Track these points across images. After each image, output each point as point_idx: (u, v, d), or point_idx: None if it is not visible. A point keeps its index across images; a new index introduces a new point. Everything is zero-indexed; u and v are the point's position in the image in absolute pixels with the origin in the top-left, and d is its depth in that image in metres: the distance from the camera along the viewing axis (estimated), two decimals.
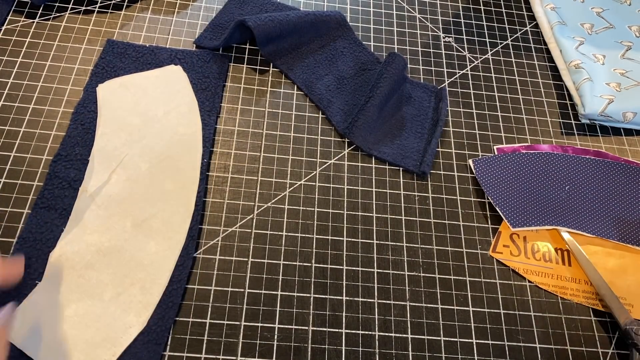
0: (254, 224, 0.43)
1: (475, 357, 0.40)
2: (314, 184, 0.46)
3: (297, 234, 0.43)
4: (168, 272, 0.39)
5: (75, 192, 0.41)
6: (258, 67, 0.52)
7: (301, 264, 0.42)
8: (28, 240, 0.39)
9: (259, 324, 0.39)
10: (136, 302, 0.38)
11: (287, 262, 0.42)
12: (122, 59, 0.49)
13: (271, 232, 0.43)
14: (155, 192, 0.43)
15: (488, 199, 0.47)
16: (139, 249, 0.40)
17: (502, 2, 0.63)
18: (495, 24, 0.61)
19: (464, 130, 0.51)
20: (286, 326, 0.39)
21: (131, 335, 0.36)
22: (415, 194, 0.47)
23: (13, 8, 0.51)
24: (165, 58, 0.50)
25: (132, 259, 0.39)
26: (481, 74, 0.56)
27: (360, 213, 0.45)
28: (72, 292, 0.37)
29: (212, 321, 0.39)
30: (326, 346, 0.39)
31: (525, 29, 0.61)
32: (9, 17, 0.51)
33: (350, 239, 0.44)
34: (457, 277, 0.43)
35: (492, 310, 0.42)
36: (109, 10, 0.53)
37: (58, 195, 0.41)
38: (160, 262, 0.40)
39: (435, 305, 0.41)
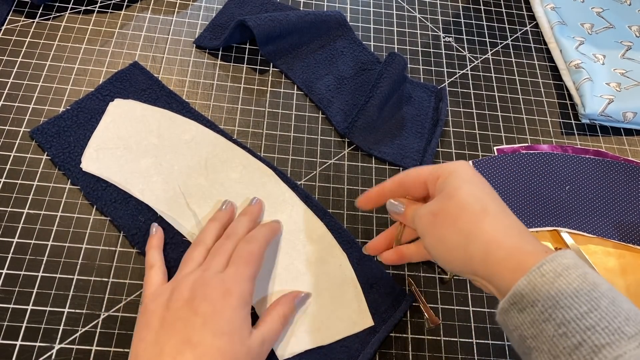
0: None
1: (475, 357, 0.40)
2: (314, 184, 0.46)
3: None
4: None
5: (186, 246, 0.40)
6: (258, 67, 0.52)
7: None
8: None
9: None
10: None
11: None
12: (64, 135, 0.44)
13: None
14: (233, 186, 0.43)
15: None
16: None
17: (502, 2, 0.63)
18: (495, 24, 0.61)
19: (464, 130, 0.51)
20: None
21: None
22: None
23: (13, 8, 0.51)
24: (96, 104, 0.46)
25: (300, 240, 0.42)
26: (481, 74, 0.56)
27: (360, 213, 0.45)
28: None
29: None
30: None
31: (525, 29, 0.61)
32: (9, 17, 0.51)
33: None
34: (457, 277, 0.43)
35: (492, 310, 0.42)
36: (109, 10, 0.53)
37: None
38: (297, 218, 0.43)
39: (436, 306, 0.41)
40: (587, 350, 0.24)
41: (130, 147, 0.44)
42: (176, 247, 0.40)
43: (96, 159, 0.43)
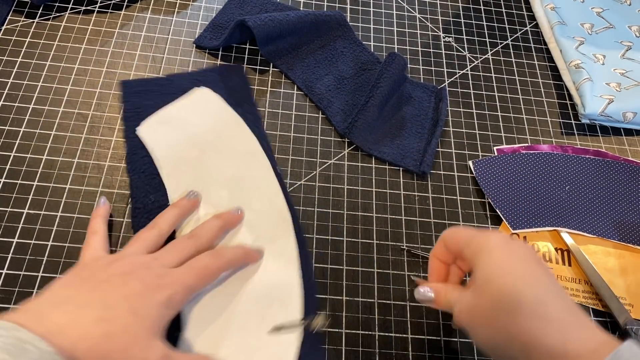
0: None
1: (475, 357, 0.40)
2: (314, 184, 0.46)
3: None
4: (296, 281, 0.39)
5: (170, 239, 0.39)
6: (258, 67, 0.52)
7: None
8: None
9: None
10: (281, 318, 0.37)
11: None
12: (145, 97, 0.47)
13: None
14: (248, 215, 0.41)
15: (488, 199, 0.47)
16: (258, 271, 0.39)
17: (502, 2, 0.63)
18: (495, 24, 0.61)
19: (464, 130, 0.51)
20: None
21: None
22: (415, 194, 0.47)
23: (13, 8, 0.51)
24: (186, 84, 0.48)
25: (252, 284, 0.39)
26: (481, 74, 0.56)
27: (360, 213, 0.45)
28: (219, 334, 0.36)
29: None
30: (326, 346, 0.39)
31: (525, 29, 0.61)
32: (9, 17, 0.51)
33: (350, 239, 0.44)
34: None
35: None
36: (109, 10, 0.53)
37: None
38: (283, 276, 0.39)
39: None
40: None
41: (187, 134, 0.45)
42: (168, 241, 0.40)
43: (153, 130, 0.45)
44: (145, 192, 0.42)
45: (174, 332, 0.35)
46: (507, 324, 0.29)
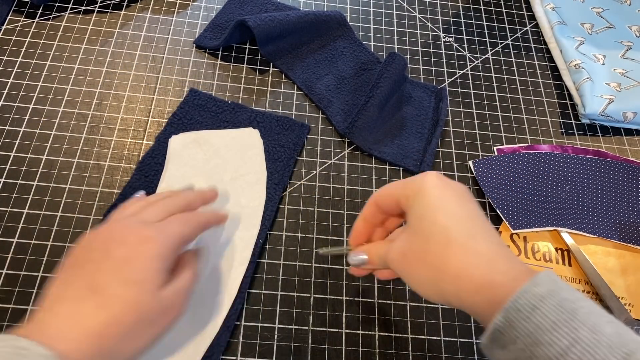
0: None
1: (475, 357, 0.40)
2: (314, 184, 0.46)
3: (297, 234, 0.43)
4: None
5: None
6: (258, 67, 0.52)
7: (301, 264, 0.42)
8: None
9: (259, 324, 0.39)
10: None
11: (287, 262, 0.42)
12: (201, 112, 0.47)
13: (271, 232, 0.43)
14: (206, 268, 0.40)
15: (488, 199, 0.47)
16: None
17: (502, 2, 0.63)
18: (495, 24, 0.61)
19: (464, 130, 0.51)
20: (286, 326, 0.39)
21: None
22: None
23: (13, 8, 0.51)
24: (244, 118, 0.47)
25: None
26: (481, 74, 0.56)
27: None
28: None
29: None
30: (326, 346, 0.39)
31: (525, 29, 0.61)
32: (9, 17, 0.51)
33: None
34: None
35: None
36: (109, 10, 0.53)
37: None
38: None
39: (436, 305, 0.41)
40: None
41: (209, 165, 0.44)
42: None
43: (183, 146, 0.45)
44: (133, 192, 0.42)
45: None
46: (438, 259, 0.29)
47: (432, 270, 0.29)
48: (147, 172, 0.43)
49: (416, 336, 0.40)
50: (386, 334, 0.40)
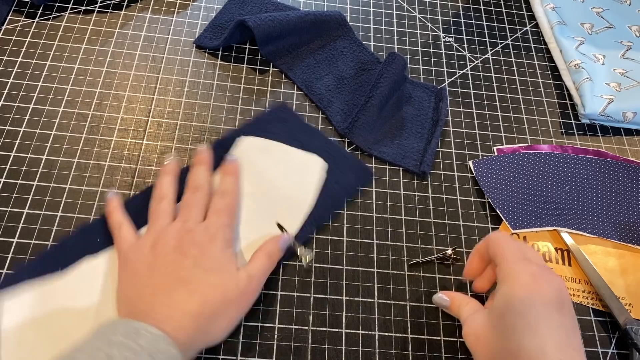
0: None
1: None
2: None
3: None
4: None
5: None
6: (258, 67, 0.52)
7: (301, 263, 0.42)
8: None
9: (259, 324, 0.39)
10: None
11: (287, 262, 0.42)
12: (277, 126, 0.47)
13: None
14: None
15: (488, 199, 0.47)
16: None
17: (502, 2, 0.63)
18: (495, 24, 0.61)
19: (464, 130, 0.51)
20: (286, 326, 0.39)
21: None
22: (415, 194, 0.47)
23: (13, 8, 0.51)
24: (316, 145, 0.46)
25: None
26: (481, 74, 0.56)
27: (360, 213, 0.45)
28: None
29: None
30: (326, 346, 0.39)
31: (525, 29, 0.61)
32: (9, 17, 0.51)
33: (350, 239, 0.44)
34: (457, 277, 0.43)
35: None
36: (109, 10, 0.53)
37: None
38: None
39: (435, 305, 0.41)
40: None
41: (265, 176, 0.44)
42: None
43: (247, 147, 0.45)
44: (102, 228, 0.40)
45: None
46: None
47: None
48: (183, 176, 0.42)
49: (416, 336, 0.40)
50: (386, 334, 0.40)
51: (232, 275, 0.35)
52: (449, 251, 0.43)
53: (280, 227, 0.41)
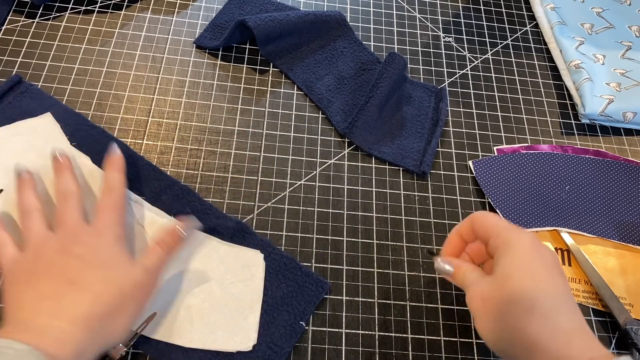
0: (254, 223, 0.43)
1: (475, 357, 0.40)
2: (314, 184, 0.46)
3: (297, 234, 0.43)
4: None
5: None
6: (258, 67, 0.52)
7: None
8: None
9: None
10: None
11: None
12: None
13: (271, 232, 0.43)
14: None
15: (488, 199, 0.47)
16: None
17: (502, 2, 0.63)
18: (495, 24, 0.61)
19: (464, 130, 0.51)
20: None
21: None
22: (415, 194, 0.47)
23: (13, 8, 0.51)
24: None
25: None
26: (481, 74, 0.56)
27: (360, 213, 0.45)
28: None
29: None
30: (326, 346, 0.39)
31: (525, 29, 0.61)
32: (9, 17, 0.51)
33: (350, 239, 0.44)
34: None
35: None
36: (109, 10, 0.53)
37: None
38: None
39: (435, 305, 0.41)
40: None
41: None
42: None
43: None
44: None
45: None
46: (517, 323, 0.30)
47: (508, 330, 0.31)
48: None
49: (416, 336, 0.40)
50: (386, 334, 0.40)
51: (125, 269, 0.33)
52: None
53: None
